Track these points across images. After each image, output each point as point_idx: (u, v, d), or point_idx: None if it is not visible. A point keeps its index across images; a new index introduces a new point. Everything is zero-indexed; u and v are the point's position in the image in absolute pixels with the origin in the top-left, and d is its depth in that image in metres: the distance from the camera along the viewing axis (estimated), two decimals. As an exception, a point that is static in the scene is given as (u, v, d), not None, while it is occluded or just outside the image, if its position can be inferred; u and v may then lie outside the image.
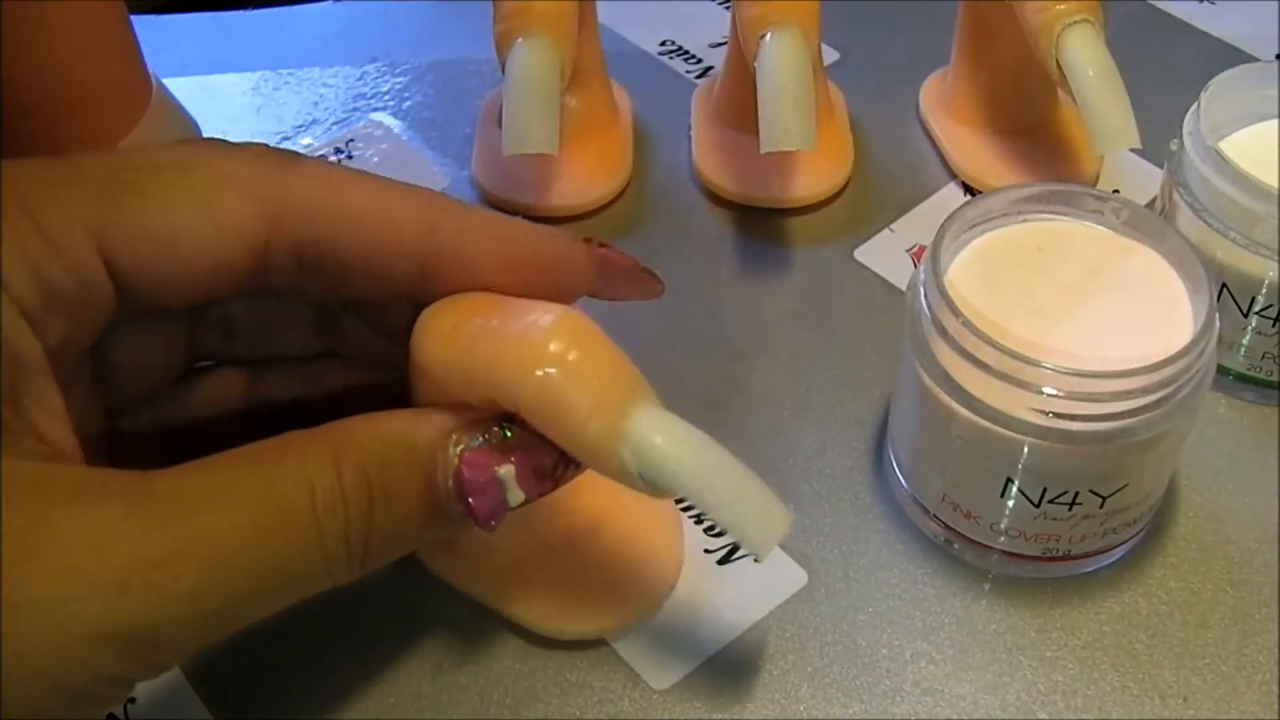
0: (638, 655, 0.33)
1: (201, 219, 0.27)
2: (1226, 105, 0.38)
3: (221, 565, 0.24)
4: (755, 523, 0.27)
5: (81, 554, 0.23)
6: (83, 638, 0.23)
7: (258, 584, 0.25)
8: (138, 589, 0.23)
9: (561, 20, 0.39)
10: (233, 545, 0.24)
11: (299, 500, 0.25)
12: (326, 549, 0.26)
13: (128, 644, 0.23)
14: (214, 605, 0.25)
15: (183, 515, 0.24)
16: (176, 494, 0.24)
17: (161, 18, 0.54)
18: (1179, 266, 0.33)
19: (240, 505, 0.25)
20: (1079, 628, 0.34)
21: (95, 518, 0.23)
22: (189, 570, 0.24)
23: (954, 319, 0.31)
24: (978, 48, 0.46)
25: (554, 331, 0.27)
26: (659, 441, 0.27)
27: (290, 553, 0.26)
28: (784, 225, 0.45)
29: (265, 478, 0.25)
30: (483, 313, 0.29)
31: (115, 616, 0.23)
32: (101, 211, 0.26)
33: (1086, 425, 0.30)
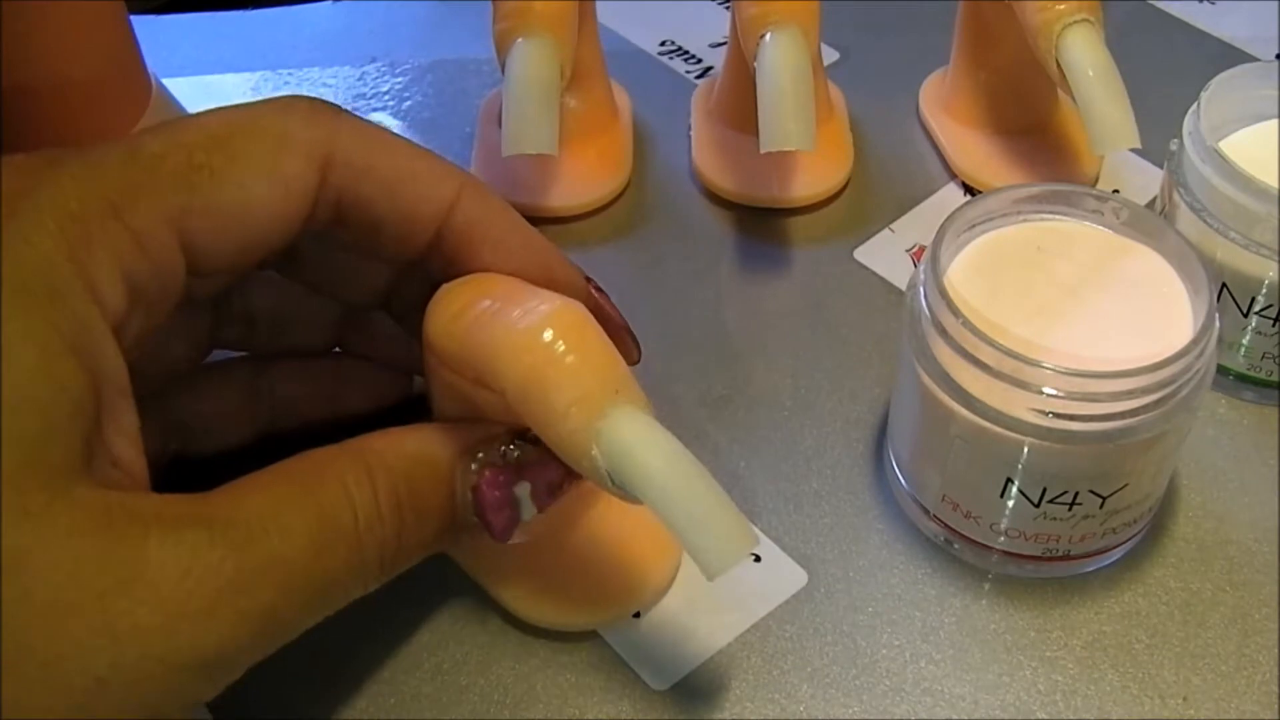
0: (638, 655, 0.33)
1: (270, 186, 0.27)
2: (1226, 105, 0.38)
3: (289, 586, 0.25)
4: (712, 542, 0.26)
5: (176, 584, 0.23)
6: (178, 667, 0.23)
7: (312, 600, 0.26)
8: (224, 614, 0.24)
9: (561, 20, 0.39)
10: (298, 566, 0.25)
11: (345, 519, 0.26)
12: (365, 563, 0.27)
13: (212, 669, 0.24)
14: (280, 625, 0.25)
15: (255, 540, 0.25)
16: (247, 519, 0.25)
17: (161, 18, 0.54)
18: (1179, 266, 0.33)
19: (300, 528, 0.25)
20: (1079, 628, 0.34)
21: (185, 547, 0.24)
22: (264, 592, 0.24)
23: (954, 319, 0.31)
24: (978, 48, 0.45)
25: (548, 321, 0.27)
26: (631, 445, 0.26)
27: (339, 569, 0.26)
28: (784, 225, 0.45)
29: (316, 499, 0.26)
30: (492, 295, 0.29)
31: (205, 643, 0.24)
32: (182, 199, 0.26)
33: (1086, 425, 0.30)
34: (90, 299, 0.24)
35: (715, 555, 0.26)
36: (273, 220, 0.27)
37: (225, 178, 0.26)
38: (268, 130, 0.27)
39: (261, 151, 0.27)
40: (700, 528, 0.26)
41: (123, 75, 0.42)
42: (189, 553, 0.24)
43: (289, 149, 0.27)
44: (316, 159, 0.27)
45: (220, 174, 0.26)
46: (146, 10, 0.54)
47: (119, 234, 0.25)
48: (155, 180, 0.26)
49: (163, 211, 0.26)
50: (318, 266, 0.32)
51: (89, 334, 0.24)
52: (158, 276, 0.26)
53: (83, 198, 0.25)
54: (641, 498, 0.26)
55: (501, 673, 0.33)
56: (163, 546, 0.23)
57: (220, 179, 0.26)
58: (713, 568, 0.26)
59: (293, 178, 0.27)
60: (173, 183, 0.26)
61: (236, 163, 0.27)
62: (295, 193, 0.27)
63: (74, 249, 0.24)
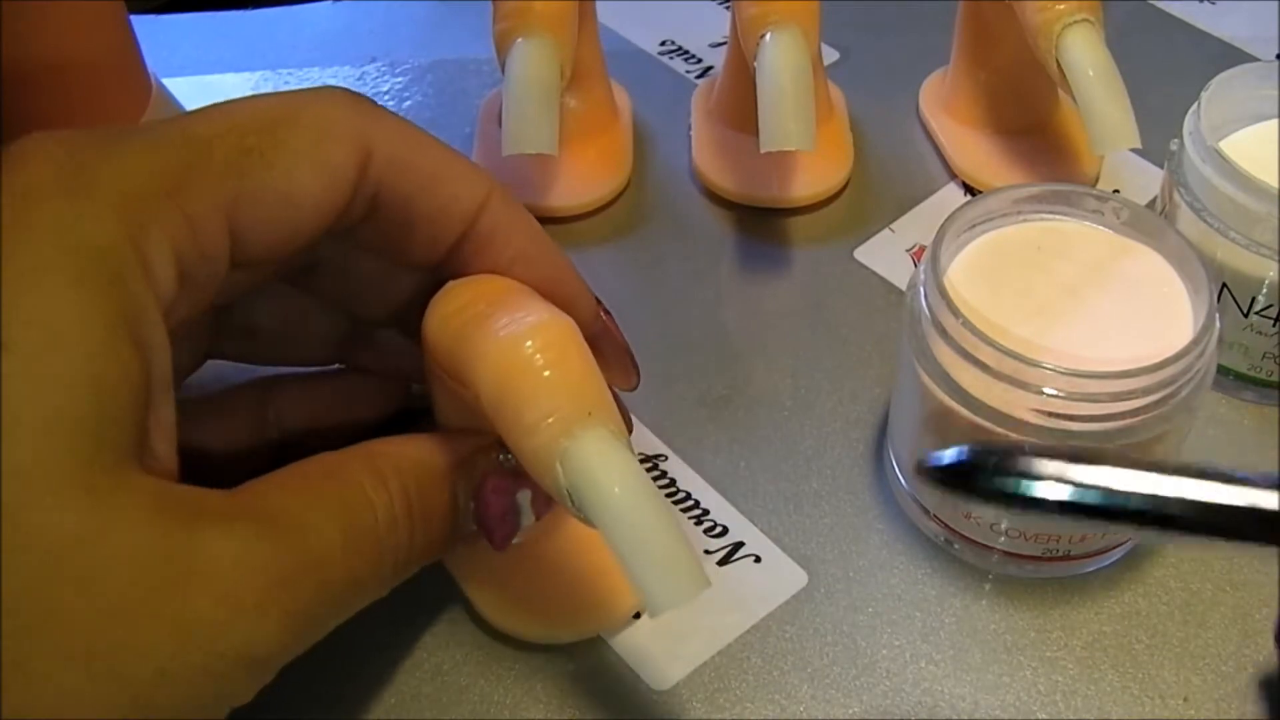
0: (638, 655, 0.33)
1: (315, 175, 0.27)
2: (1226, 105, 0.38)
3: (326, 586, 0.25)
4: (658, 579, 0.25)
5: (230, 577, 0.23)
6: (234, 663, 0.23)
7: (341, 601, 0.26)
8: (273, 612, 0.24)
9: (561, 20, 0.39)
10: (333, 565, 0.25)
11: (368, 521, 0.26)
12: (383, 566, 0.27)
13: (259, 667, 0.24)
14: (315, 625, 0.25)
15: (296, 538, 0.25)
16: (286, 517, 0.25)
17: (161, 18, 0.54)
18: (1179, 266, 0.33)
19: (331, 528, 0.25)
20: (1079, 628, 0.34)
21: (237, 541, 0.23)
22: (306, 591, 0.24)
23: (954, 319, 0.31)
24: (978, 48, 0.45)
25: (532, 333, 0.27)
26: (593, 468, 0.26)
27: (364, 571, 0.26)
28: (784, 225, 0.45)
29: (341, 500, 0.26)
30: (489, 298, 0.29)
31: (256, 639, 0.23)
32: (233, 185, 0.26)
33: (1086, 425, 0.30)
34: (146, 284, 0.24)
35: (659, 592, 0.25)
36: (315, 210, 0.27)
37: (274, 164, 0.26)
38: (312, 119, 0.27)
39: (307, 140, 0.27)
40: (648, 562, 0.25)
41: (123, 75, 0.42)
42: (240, 546, 0.23)
43: (333, 138, 0.27)
44: (358, 150, 0.27)
45: (270, 160, 0.26)
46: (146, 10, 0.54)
47: (174, 217, 0.24)
48: (208, 163, 0.25)
49: (215, 195, 0.25)
50: (335, 276, 0.31)
51: (144, 320, 0.24)
52: (205, 263, 0.26)
53: (141, 178, 0.24)
54: (595, 523, 0.26)
55: (501, 673, 0.33)
56: (216, 539, 0.23)
57: (270, 165, 0.26)
58: (655, 605, 0.25)
59: (335, 167, 0.27)
60: (225, 167, 0.25)
61: (284, 150, 0.26)
62: (337, 182, 0.27)
63: (133, 230, 0.24)
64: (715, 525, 0.36)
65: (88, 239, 0.23)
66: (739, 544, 0.36)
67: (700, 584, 0.25)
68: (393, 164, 0.28)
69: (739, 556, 0.35)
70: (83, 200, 0.23)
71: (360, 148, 0.27)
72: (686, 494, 0.37)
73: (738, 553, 0.35)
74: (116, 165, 0.24)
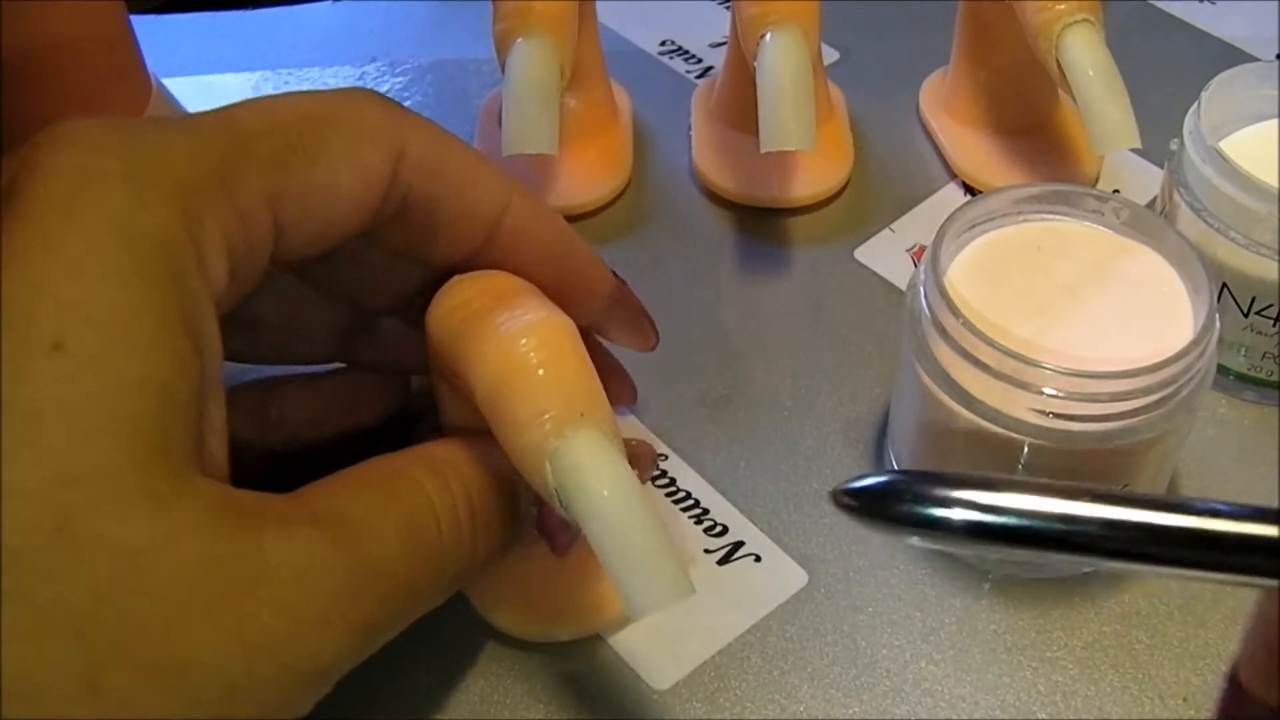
0: (638, 655, 0.33)
1: (353, 174, 0.27)
2: (1226, 105, 0.38)
3: (388, 595, 0.25)
4: (641, 582, 0.25)
5: (294, 587, 0.22)
6: (300, 674, 0.23)
7: (402, 611, 0.26)
8: (337, 622, 0.23)
9: (561, 20, 0.39)
10: (396, 575, 0.25)
11: (431, 528, 0.26)
12: (444, 575, 0.26)
13: (321, 678, 0.23)
14: (376, 635, 0.25)
15: (360, 544, 0.24)
16: (349, 521, 0.24)
17: (161, 18, 0.54)
18: (1179, 266, 0.33)
19: (393, 536, 0.25)
20: (1079, 628, 0.34)
21: (299, 547, 0.23)
22: (370, 602, 0.24)
23: (954, 319, 0.31)
24: (978, 48, 0.45)
25: (528, 330, 0.27)
26: (582, 469, 0.25)
27: (426, 579, 0.26)
28: (784, 225, 0.45)
29: (404, 506, 0.26)
30: (492, 293, 0.29)
31: (321, 651, 0.23)
32: (279, 180, 0.25)
33: (1086, 425, 0.30)
34: (202, 278, 0.23)
35: (641, 595, 0.25)
36: (353, 209, 0.27)
37: (317, 162, 0.26)
38: (349, 120, 0.27)
39: (347, 140, 0.26)
40: (630, 564, 0.25)
41: (123, 75, 0.42)
42: (303, 554, 0.23)
43: (369, 140, 0.27)
44: (393, 153, 0.27)
45: (313, 158, 0.26)
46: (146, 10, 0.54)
47: (226, 208, 0.24)
48: (255, 157, 0.25)
49: (262, 188, 0.25)
50: (345, 268, 0.31)
51: (200, 316, 0.23)
52: (250, 256, 0.25)
53: (194, 166, 0.24)
54: (582, 524, 0.26)
55: (501, 673, 0.33)
56: (278, 547, 0.22)
57: (313, 163, 0.26)
58: (636, 607, 0.25)
59: (371, 168, 0.27)
60: (271, 161, 0.25)
61: (326, 148, 0.26)
62: (373, 183, 0.27)
63: (190, 221, 0.23)
64: (715, 525, 0.36)
65: (148, 229, 0.22)
66: (739, 543, 0.36)
67: (682, 590, 0.25)
68: (423, 166, 0.28)
69: (739, 556, 0.35)
70: (141, 188, 0.22)
71: (394, 149, 0.27)
72: (686, 494, 0.37)
73: (738, 552, 0.35)
74: (170, 153, 0.23)
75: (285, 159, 0.25)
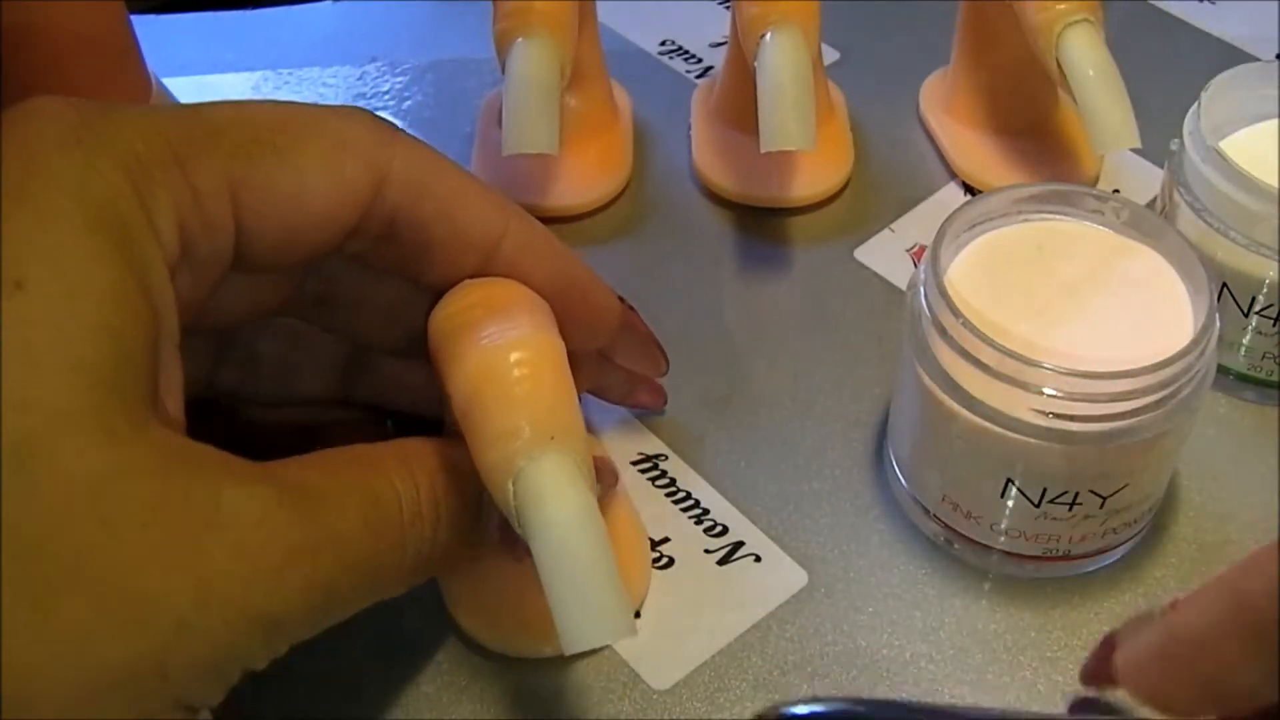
0: (638, 655, 0.33)
1: (327, 181, 0.27)
2: (1226, 105, 0.38)
3: (347, 563, 0.25)
4: (576, 616, 0.25)
5: (250, 535, 0.23)
6: (252, 621, 0.23)
7: (363, 584, 0.26)
8: (291, 577, 0.23)
9: (561, 20, 0.39)
10: (355, 543, 0.25)
11: (393, 509, 0.26)
12: (404, 558, 0.27)
13: (276, 631, 0.24)
14: (334, 602, 0.25)
15: (319, 510, 0.24)
16: (311, 488, 0.25)
17: (161, 18, 0.54)
18: (1179, 266, 0.33)
19: (356, 509, 0.25)
20: (1079, 628, 0.34)
21: (258, 501, 0.23)
22: (326, 564, 0.24)
23: (954, 319, 0.31)
24: (978, 48, 0.45)
25: (513, 347, 0.27)
26: (540, 494, 0.25)
27: (387, 557, 0.26)
28: (784, 225, 0.45)
29: (368, 484, 0.26)
30: (488, 305, 0.28)
31: (275, 601, 0.23)
32: (240, 169, 0.25)
33: (1086, 425, 0.30)
34: (154, 239, 0.24)
35: (574, 629, 0.25)
36: (323, 218, 0.27)
37: (286, 160, 0.26)
38: (331, 130, 0.27)
39: (322, 147, 0.27)
40: (570, 596, 0.25)
41: (123, 75, 0.42)
42: (262, 508, 0.23)
43: (349, 152, 0.27)
44: (375, 170, 0.27)
45: (282, 155, 0.26)
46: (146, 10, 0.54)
47: (179, 183, 0.25)
48: (217, 143, 0.25)
49: (222, 174, 0.25)
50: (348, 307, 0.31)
51: (152, 274, 0.24)
52: (209, 238, 0.25)
53: (148, 141, 0.24)
54: (531, 547, 0.25)
55: (501, 673, 0.33)
56: (239, 497, 0.23)
57: (281, 160, 0.26)
58: (567, 640, 0.25)
59: (349, 181, 0.27)
60: (234, 150, 0.25)
61: (298, 151, 0.26)
62: (348, 196, 0.27)
63: (139, 188, 0.24)
64: (715, 525, 0.36)
65: (97, 190, 0.23)
66: (739, 543, 0.36)
67: (618, 630, 0.25)
68: (410, 188, 0.28)
69: (739, 556, 0.35)
70: (92, 154, 0.23)
71: (375, 167, 0.27)
72: (686, 494, 0.37)
73: (738, 552, 0.36)
74: (125, 128, 0.24)
75: (250, 150, 0.26)
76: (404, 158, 0.28)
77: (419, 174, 0.28)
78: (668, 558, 0.35)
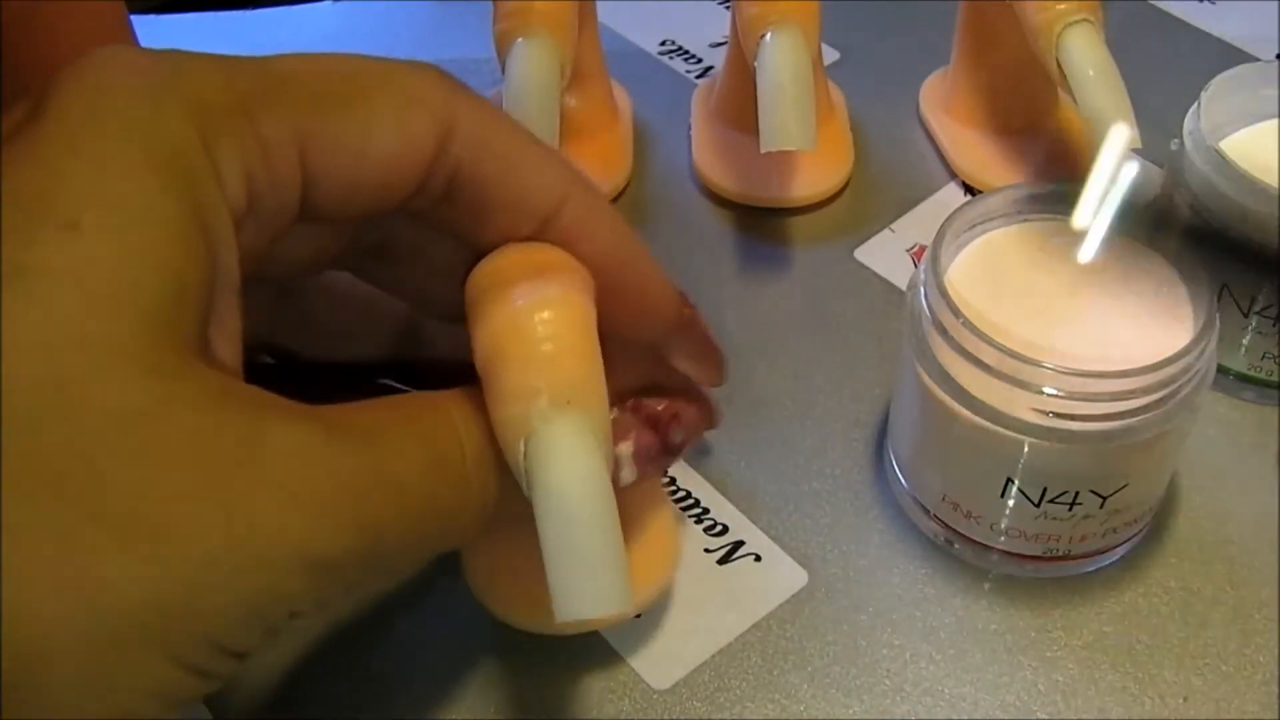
0: (638, 655, 0.33)
1: (395, 136, 0.26)
2: (1226, 105, 0.38)
3: (400, 507, 0.24)
4: (574, 584, 0.24)
5: (292, 473, 0.22)
6: (290, 559, 0.22)
7: (418, 532, 0.25)
8: (336, 517, 0.23)
9: (561, 20, 0.39)
10: (410, 484, 0.24)
11: (454, 455, 0.25)
12: (467, 507, 0.26)
13: (319, 570, 0.23)
14: (386, 548, 0.24)
15: (370, 451, 0.24)
16: (364, 428, 0.24)
17: (161, 18, 0.54)
18: (1179, 266, 0.33)
19: (413, 452, 0.24)
20: (1079, 628, 0.34)
21: (303, 437, 0.23)
22: (376, 507, 0.23)
23: (954, 319, 0.31)
24: (978, 48, 0.46)
25: (542, 305, 0.26)
26: (550, 456, 0.25)
27: (446, 505, 0.25)
28: (784, 225, 0.45)
29: (428, 428, 0.25)
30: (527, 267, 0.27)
31: (315, 541, 0.22)
32: (309, 121, 0.25)
33: (1086, 425, 0.30)
34: (218, 186, 0.24)
35: (570, 597, 0.24)
36: (389, 172, 0.26)
37: (353, 112, 0.25)
38: (400, 83, 0.26)
39: (391, 101, 0.26)
40: (568, 563, 0.24)
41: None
42: (307, 444, 0.23)
43: (418, 106, 0.26)
44: (441, 124, 0.26)
45: (350, 108, 0.25)
46: (146, 10, 0.54)
47: (248, 134, 0.24)
48: (286, 95, 0.25)
49: (291, 126, 0.25)
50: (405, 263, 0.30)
51: (215, 220, 0.23)
52: (275, 190, 0.25)
53: (218, 90, 0.24)
54: (534, 511, 0.25)
55: (501, 672, 0.33)
56: (281, 431, 0.22)
57: (349, 112, 0.25)
58: (562, 608, 0.24)
59: (416, 135, 0.26)
60: (303, 102, 0.25)
61: (368, 103, 0.26)
62: (415, 151, 0.26)
63: (206, 136, 0.23)
64: (715, 524, 0.36)
65: (164, 136, 0.23)
66: (739, 543, 0.36)
67: (618, 601, 0.24)
68: (474, 144, 0.27)
69: (739, 556, 0.35)
70: (160, 99, 0.23)
71: (443, 120, 0.26)
72: (686, 493, 0.37)
73: (737, 552, 0.36)
74: (194, 76, 0.24)
75: (319, 103, 0.25)
76: (470, 114, 0.27)
77: (483, 131, 0.27)
78: (668, 558, 0.35)
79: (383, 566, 0.24)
